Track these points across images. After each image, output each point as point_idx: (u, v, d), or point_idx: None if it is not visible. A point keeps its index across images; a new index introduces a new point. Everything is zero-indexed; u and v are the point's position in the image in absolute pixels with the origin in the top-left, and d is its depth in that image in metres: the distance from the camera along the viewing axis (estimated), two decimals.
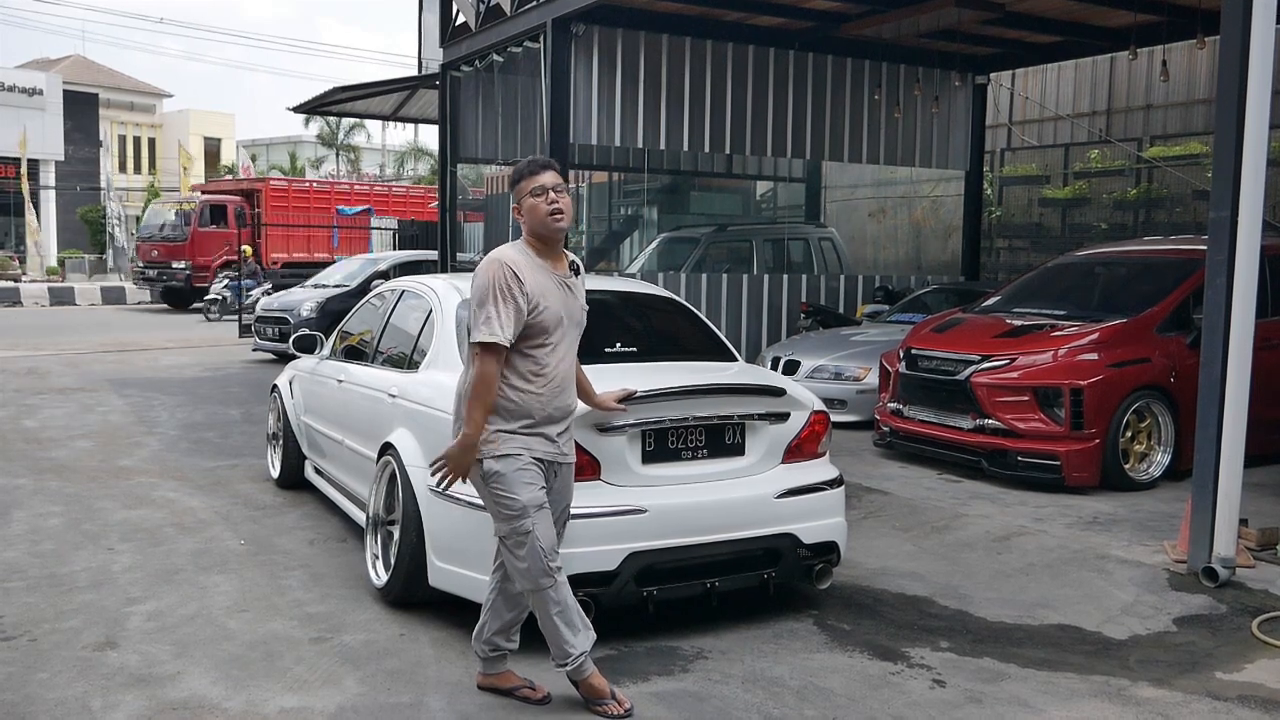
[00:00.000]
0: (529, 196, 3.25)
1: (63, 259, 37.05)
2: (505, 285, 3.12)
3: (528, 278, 3.17)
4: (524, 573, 3.20)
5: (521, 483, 3.18)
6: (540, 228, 3.25)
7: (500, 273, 3.14)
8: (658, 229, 15.48)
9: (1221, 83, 4.65)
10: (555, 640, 3.25)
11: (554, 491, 3.32)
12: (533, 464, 3.21)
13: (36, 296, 26.22)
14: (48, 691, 3.39)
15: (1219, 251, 4.54)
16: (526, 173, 3.28)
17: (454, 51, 11.24)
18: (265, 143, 57.77)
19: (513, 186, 3.31)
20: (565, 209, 3.24)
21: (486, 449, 3.17)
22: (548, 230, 3.25)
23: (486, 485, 3.21)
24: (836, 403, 8.08)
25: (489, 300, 3.11)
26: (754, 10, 9.75)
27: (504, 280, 3.13)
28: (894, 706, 3.36)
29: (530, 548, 3.17)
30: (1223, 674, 3.66)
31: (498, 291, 3.11)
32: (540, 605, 3.23)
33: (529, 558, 3.18)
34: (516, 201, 3.28)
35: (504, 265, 3.15)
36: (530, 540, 3.17)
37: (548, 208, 3.23)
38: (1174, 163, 11.80)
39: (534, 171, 3.27)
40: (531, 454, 3.21)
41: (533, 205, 3.24)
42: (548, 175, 3.26)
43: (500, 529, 3.24)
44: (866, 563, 4.86)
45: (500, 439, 3.18)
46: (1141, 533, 5.40)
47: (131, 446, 7.55)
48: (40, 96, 39.07)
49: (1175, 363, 6.46)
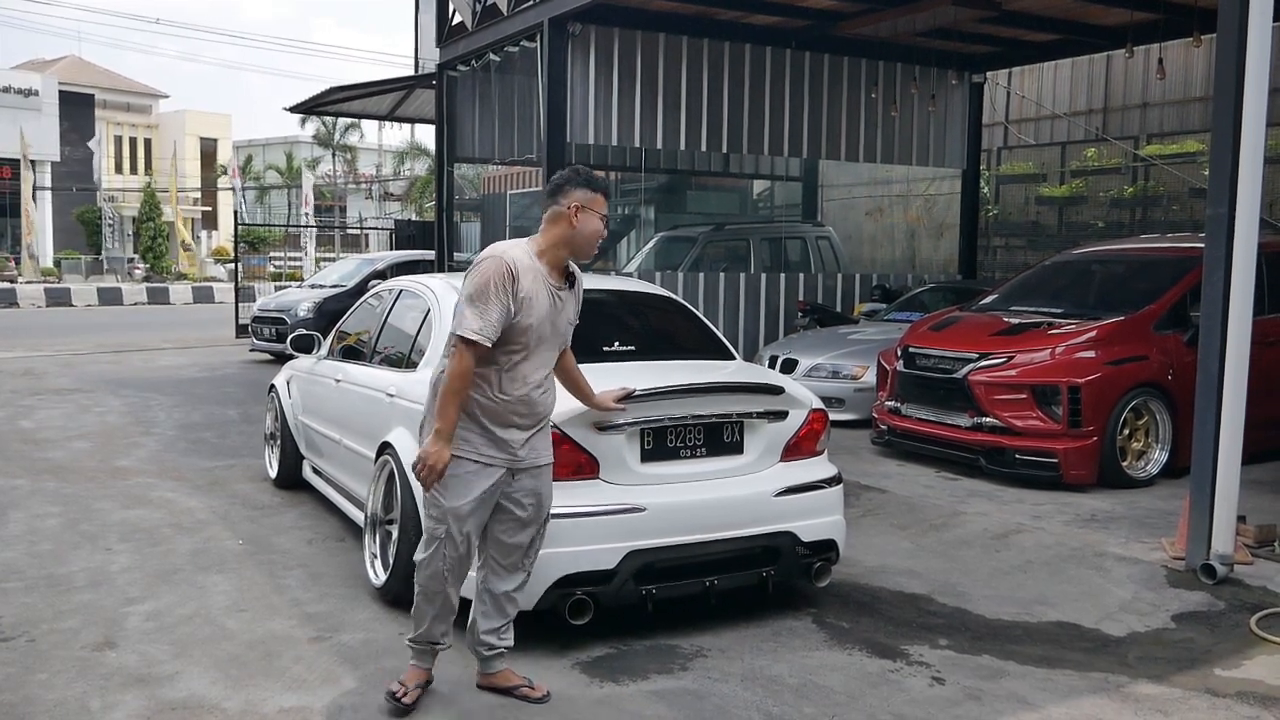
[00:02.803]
0: (591, 212, 3.20)
1: (59, 260, 37.00)
2: (502, 284, 3.09)
3: (524, 282, 3.12)
4: (420, 565, 3.26)
5: (454, 487, 3.15)
6: (585, 245, 3.23)
7: (501, 270, 3.10)
8: (655, 228, 15.48)
9: (1218, 80, 4.65)
10: (414, 619, 3.30)
11: (519, 493, 3.26)
12: (478, 470, 3.17)
13: (33, 297, 26.19)
14: (47, 692, 3.38)
15: (1216, 249, 4.55)
16: (600, 188, 3.25)
17: (451, 51, 11.23)
18: (261, 143, 57.71)
19: (575, 189, 3.20)
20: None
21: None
22: (587, 250, 3.26)
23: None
24: (834, 401, 8.08)
25: (483, 296, 3.07)
26: (750, 9, 9.75)
27: (502, 279, 3.09)
28: (893, 704, 3.37)
29: (433, 554, 3.21)
30: (1221, 670, 3.67)
31: (494, 289, 3.07)
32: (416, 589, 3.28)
33: (430, 561, 3.22)
34: (570, 205, 3.18)
35: (505, 263, 3.11)
36: (437, 548, 3.20)
37: (602, 230, 3.25)
38: (1170, 161, 11.81)
39: (603, 191, 3.26)
40: (482, 459, 3.17)
41: (589, 222, 3.20)
42: (606, 202, 3.28)
43: (426, 520, 3.28)
44: (865, 560, 4.86)
45: (457, 438, 3.14)
46: (1139, 530, 5.41)
47: (129, 447, 7.54)
48: (36, 97, 39.03)
49: (1173, 360, 6.47)
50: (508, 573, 3.36)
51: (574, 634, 3.76)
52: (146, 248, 39.01)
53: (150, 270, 37.74)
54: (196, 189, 49.15)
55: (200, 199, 50.11)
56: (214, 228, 50.05)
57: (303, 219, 28.21)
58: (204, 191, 50.24)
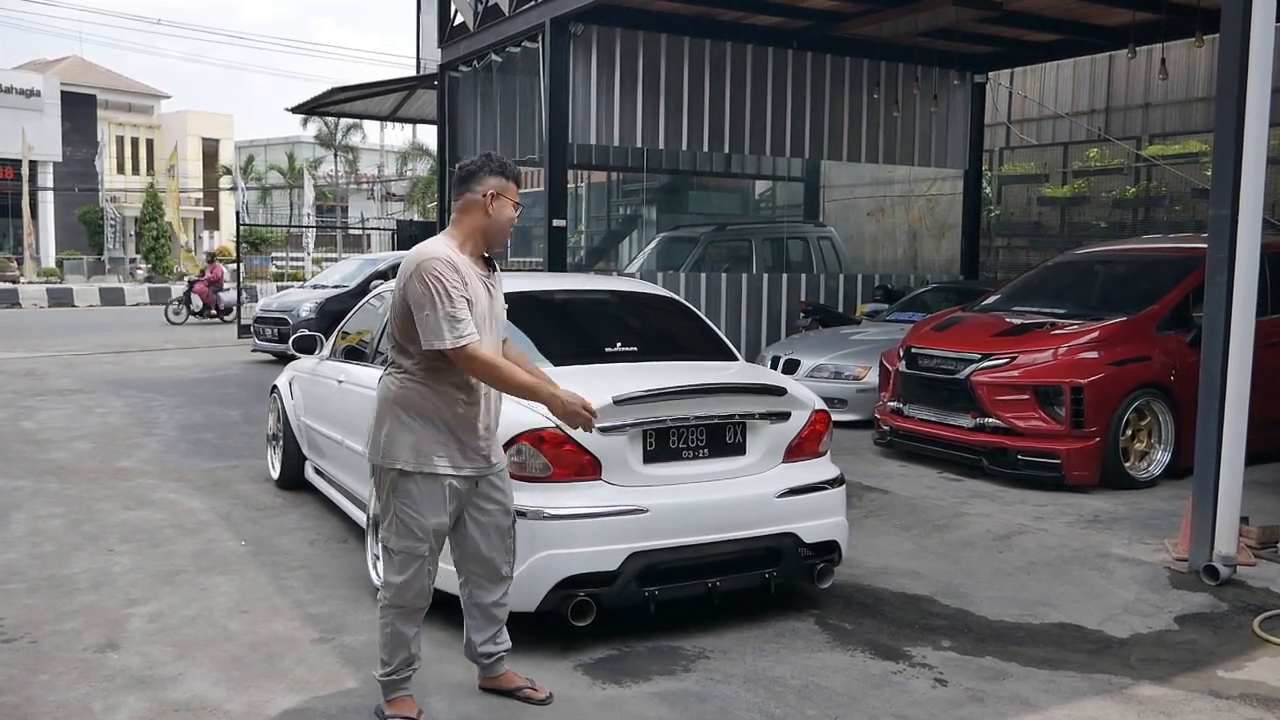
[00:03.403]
0: (505, 199, 3.15)
1: (61, 260, 37.04)
2: (456, 280, 3.01)
3: (468, 278, 3.06)
4: (396, 587, 3.11)
5: (431, 505, 3.08)
6: (500, 233, 3.18)
7: (449, 269, 3.01)
8: (657, 228, 15.48)
9: (1221, 81, 4.65)
10: (388, 649, 3.16)
11: (488, 500, 3.22)
12: (453, 482, 3.09)
13: (35, 298, 26.20)
14: (49, 693, 3.38)
15: (1219, 249, 4.54)
16: (512, 175, 3.19)
17: (452, 52, 11.24)
18: (263, 143, 57.75)
19: (489, 176, 3.14)
20: None
21: (413, 459, 3.04)
22: (501, 238, 3.22)
23: (394, 496, 3.08)
24: (837, 402, 8.08)
25: (446, 297, 2.97)
26: (752, 9, 9.75)
27: (453, 276, 3.00)
28: (896, 705, 3.36)
29: (416, 572, 3.10)
30: (1224, 672, 3.66)
31: (451, 288, 2.98)
32: (386, 617, 3.15)
33: (413, 581, 3.10)
34: (485, 193, 3.12)
35: (448, 264, 3.02)
36: (420, 566, 3.10)
37: (515, 217, 3.22)
38: (1173, 161, 11.80)
39: (516, 178, 3.21)
40: (457, 473, 3.09)
41: (504, 209, 3.16)
42: (518, 189, 3.23)
43: (391, 540, 3.12)
44: (867, 562, 4.86)
45: (428, 452, 3.05)
46: (1142, 531, 5.40)
47: (131, 448, 7.54)
48: (38, 98, 39.05)
49: (1175, 361, 6.46)
50: (492, 583, 3.32)
51: (576, 635, 3.76)
52: (149, 248, 39.07)
53: (152, 270, 37.78)
54: (199, 189, 49.19)
55: (202, 199, 50.16)
56: (216, 228, 50.09)
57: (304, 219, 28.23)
58: (206, 192, 50.29)
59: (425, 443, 3.07)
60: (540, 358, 4.50)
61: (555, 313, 5.04)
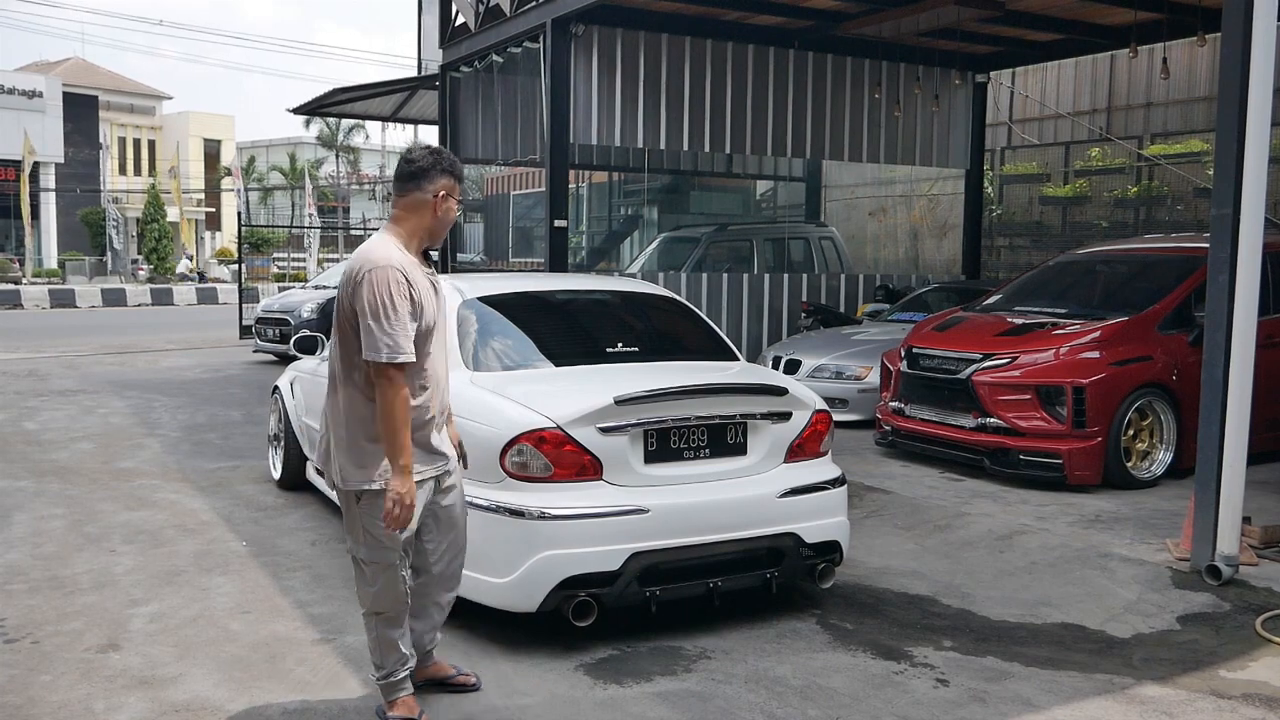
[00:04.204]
0: (451, 199, 3.11)
1: (63, 261, 37.09)
2: (402, 292, 2.91)
3: (414, 280, 2.98)
4: (373, 597, 3.10)
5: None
6: (443, 232, 3.15)
7: (397, 278, 2.91)
8: (658, 229, 15.48)
9: (1223, 80, 4.64)
10: (379, 653, 3.16)
11: (446, 498, 3.21)
12: (419, 489, 3.03)
13: (37, 298, 26.24)
14: (51, 694, 3.38)
15: (1221, 249, 4.54)
16: (459, 175, 3.15)
17: (454, 52, 11.24)
18: (265, 144, 57.82)
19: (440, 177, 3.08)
20: None
21: (380, 478, 2.96)
22: (443, 235, 3.19)
23: (364, 512, 3.03)
24: (838, 402, 8.08)
25: (392, 309, 2.88)
26: (753, 9, 9.75)
27: (400, 285, 2.91)
28: (897, 706, 3.36)
29: (389, 580, 3.08)
30: (1227, 672, 3.65)
31: (397, 299, 2.89)
32: (370, 626, 3.15)
33: (386, 590, 3.08)
34: (437, 193, 3.07)
35: (395, 269, 2.92)
36: (392, 574, 3.08)
37: (457, 214, 3.19)
38: (1175, 160, 11.79)
39: (460, 176, 3.16)
40: (421, 479, 3.03)
41: (450, 209, 3.12)
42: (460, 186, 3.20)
43: (360, 552, 3.08)
44: (869, 562, 4.85)
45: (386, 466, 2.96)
46: (1144, 531, 5.40)
47: (133, 448, 7.54)
48: (40, 99, 39.10)
49: (1177, 360, 6.46)
50: (446, 586, 3.33)
51: (577, 636, 3.75)
52: (150, 249, 39.12)
53: (154, 271, 37.82)
54: (200, 190, 49.24)
55: (204, 200, 50.21)
56: (218, 229, 50.14)
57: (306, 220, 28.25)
58: (207, 193, 50.34)
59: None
60: (542, 358, 4.51)
61: (557, 313, 5.04)
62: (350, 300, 2.96)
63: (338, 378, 3.06)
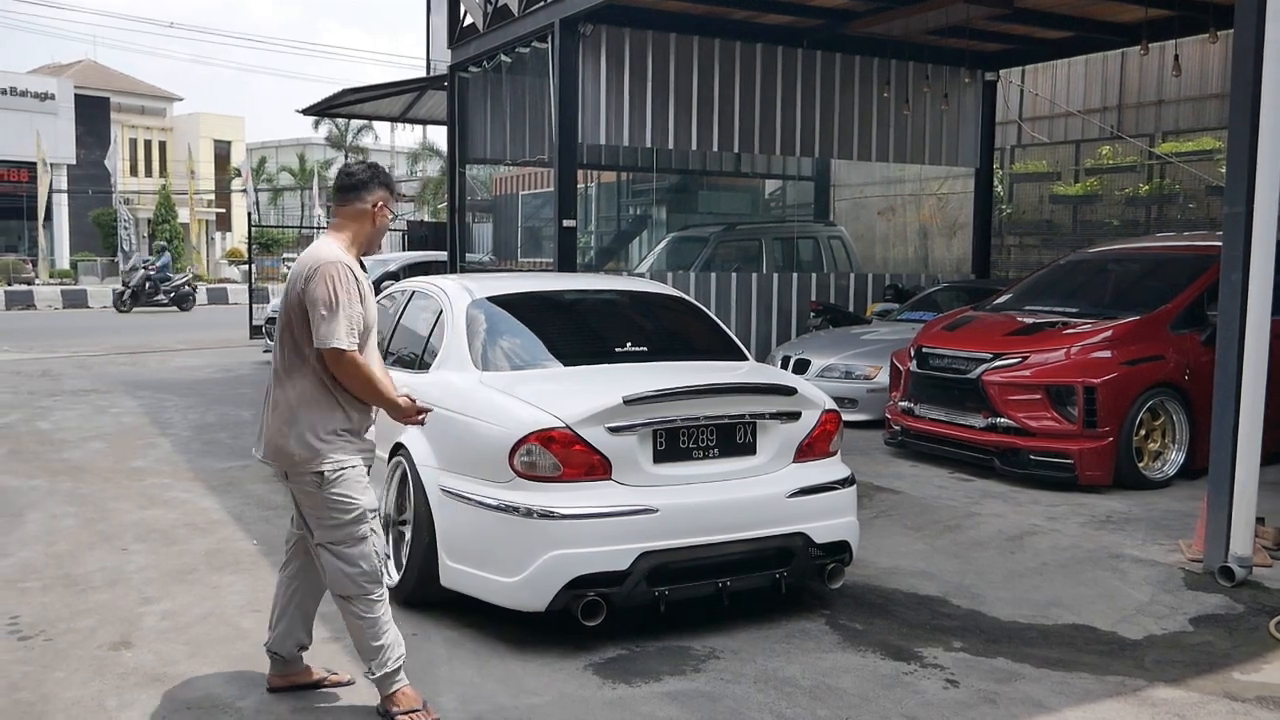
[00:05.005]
0: (387, 210, 3.32)
1: (75, 262, 37.29)
2: (351, 287, 3.11)
3: (361, 279, 3.19)
4: (353, 578, 3.14)
5: (361, 486, 3.18)
6: (377, 237, 3.35)
7: (347, 275, 3.11)
8: (666, 228, 15.46)
9: (1235, 76, 4.61)
10: (369, 647, 3.17)
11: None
12: (365, 470, 3.23)
13: (49, 299, 26.39)
14: (64, 690, 3.40)
15: (1234, 247, 4.51)
16: (394, 187, 3.39)
17: (462, 53, 11.25)
18: (274, 145, 57.99)
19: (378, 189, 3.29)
20: None
21: (330, 457, 3.11)
22: (377, 241, 3.37)
23: (322, 490, 3.13)
24: (847, 402, 8.05)
25: (343, 302, 3.07)
26: (761, 8, 9.73)
27: (349, 281, 3.11)
28: (907, 706, 3.35)
29: (365, 551, 3.16)
30: (1240, 674, 3.63)
31: (347, 293, 3.09)
32: (356, 614, 3.16)
33: (364, 560, 3.15)
34: (375, 204, 3.27)
35: (345, 266, 3.13)
36: (368, 544, 3.16)
37: (390, 224, 3.39)
38: (1186, 158, 11.72)
39: (393, 189, 3.40)
40: (365, 460, 3.23)
41: (385, 219, 3.33)
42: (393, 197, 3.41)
43: (329, 535, 3.15)
44: (878, 562, 4.84)
45: (341, 448, 3.14)
46: (1156, 532, 5.37)
47: (144, 448, 7.58)
48: (52, 101, 39.31)
49: (1189, 360, 6.42)
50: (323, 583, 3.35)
51: (586, 635, 3.76)
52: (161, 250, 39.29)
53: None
54: (210, 191, 49.45)
55: (214, 201, 50.42)
56: (228, 229, 50.32)
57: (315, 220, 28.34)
58: (218, 194, 50.55)
59: (342, 438, 3.15)
60: (550, 357, 4.52)
61: (565, 313, 5.04)
62: (301, 295, 3.13)
63: (287, 371, 3.18)
